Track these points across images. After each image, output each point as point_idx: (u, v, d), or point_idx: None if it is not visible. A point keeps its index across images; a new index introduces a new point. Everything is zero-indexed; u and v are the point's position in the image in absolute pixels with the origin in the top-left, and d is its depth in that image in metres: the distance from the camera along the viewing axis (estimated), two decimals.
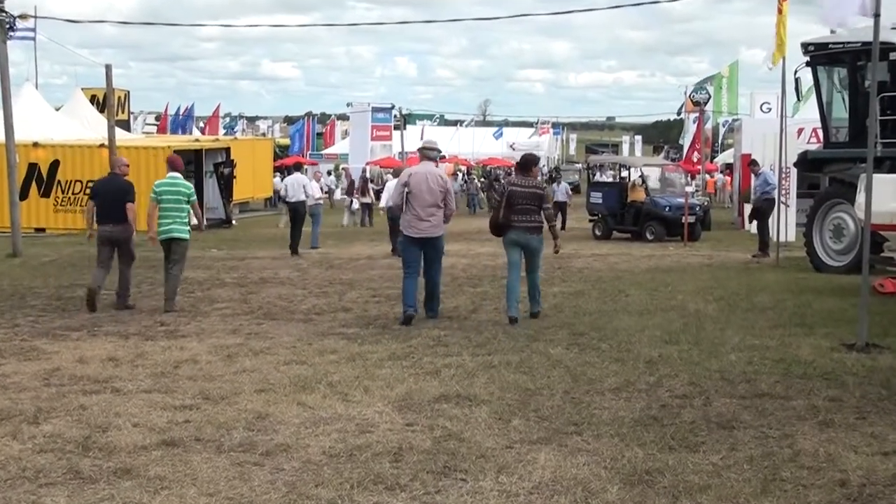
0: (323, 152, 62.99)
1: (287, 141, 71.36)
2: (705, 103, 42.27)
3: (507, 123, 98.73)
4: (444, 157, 11.57)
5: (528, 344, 9.02)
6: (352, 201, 34.42)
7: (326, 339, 9.49)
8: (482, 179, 55.05)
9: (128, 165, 12.63)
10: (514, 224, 10.63)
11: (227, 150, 32.82)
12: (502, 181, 22.21)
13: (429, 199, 10.62)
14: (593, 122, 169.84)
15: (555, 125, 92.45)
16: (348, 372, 7.81)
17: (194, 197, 12.06)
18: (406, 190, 10.72)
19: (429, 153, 11.10)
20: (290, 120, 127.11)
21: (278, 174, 46.84)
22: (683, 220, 22.74)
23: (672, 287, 13.44)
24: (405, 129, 53.18)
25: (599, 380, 7.45)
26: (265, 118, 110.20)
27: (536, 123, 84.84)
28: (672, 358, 8.24)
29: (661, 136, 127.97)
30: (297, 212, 20.03)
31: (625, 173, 28.44)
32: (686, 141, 54.48)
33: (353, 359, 8.38)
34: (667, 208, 24.14)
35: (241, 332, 9.93)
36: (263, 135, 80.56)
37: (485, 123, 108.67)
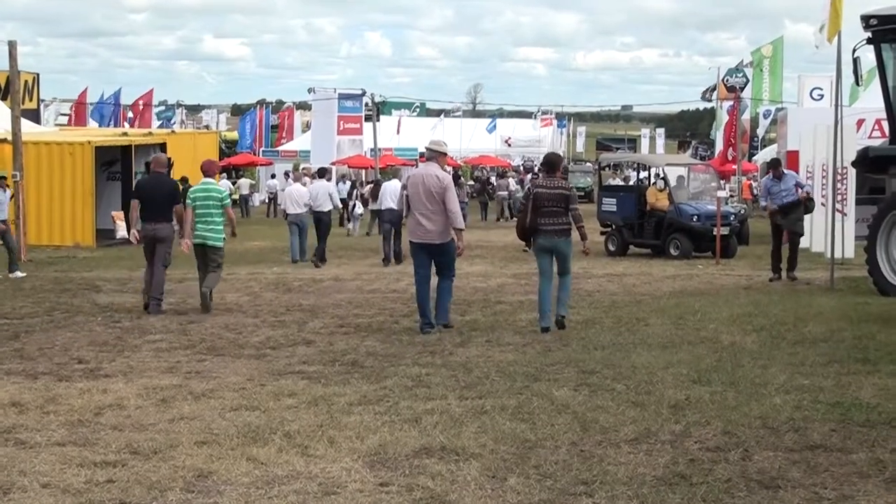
0: (279, 149, 62.98)
1: (235, 135, 71.43)
2: (742, 89, 42.53)
3: (501, 114, 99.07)
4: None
5: (528, 384, 9.03)
6: (354, 205, 35.09)
7: (283, 378, 9.48)
8: (472, 182, 55.20)
9: (164, 164, 15.12)
10: (541, 228, 12.19)
11: (163, 146, 32.77)
12: (527, 184, 22.82)
13: (426, 202, 12.14)
14: (606, 111, 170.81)
15: (559, 116, 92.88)
16: (309, 419, 7.80)
17: (228, 201, 14.46)
18: (405, 193, 12.51)
19: (428, 152, 12.71)
20: (238, 109, 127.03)
21: (224, 176, 46.84)
22: (715, 233, 22.84)
23: (702, 315, 13.49)
24: (378, 120, 53.32)
25: (614, 428, 7.46)
26: (208, 107, 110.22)
27: (537, 114, 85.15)
28: (703, 401, 8.26)
29: (687, 129, 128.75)
30: (322, 222, 22.87)
31: (643, 174, 28.57)
32: (718, 135, 54.82)
33: (315, 403, 8.37)
34: (695, 218, 24.26)
35: (178, 371, 9.91)
36: (207, 127, 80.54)
37: (475, 114, 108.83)
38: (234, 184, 47.96)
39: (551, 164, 12.68)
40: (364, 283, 18.24)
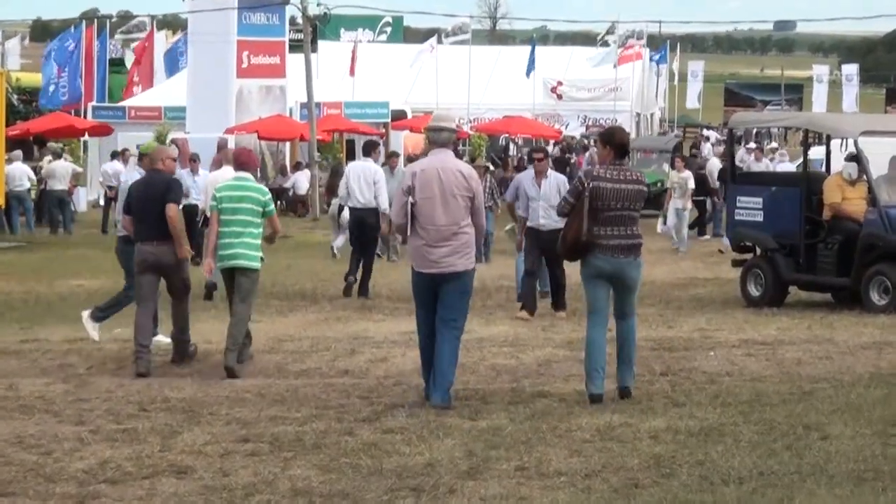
0: (126, 104, 62.89)
1: (37, 78, 71.49)
2: None
3: (544, 37, 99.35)
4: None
5: None
6: (341, 207, 35.78)
7: None
8: (489, 165, 55.22)
9: (174, 159, 17.58)
10: (600, 242, 13.87)
11: None
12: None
13: (443, 212, 13.94)
14: (742, 35, 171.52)
15: (653, 41, 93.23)
16: None
17: (272, 206, 17.32)
18: (409, 200, 13.93)
19: (439, 135, 14.30)
20: (43, 31, 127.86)
21: (20, 156, 46.88)
22: None
23: None
24: (316, 50, 53.43)
25: None
26: None
27: (612, 38, 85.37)
28: None
29: None
30: (366, 225, 25.52)
31: (816, 151, 28.55)
32: None
33: None
34: None
35: None
36: None
37: (495, 38, 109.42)
38: (37, 168, 47.83)
39: (620, 144, 14.54)
40: (289, 359, 18.09)
